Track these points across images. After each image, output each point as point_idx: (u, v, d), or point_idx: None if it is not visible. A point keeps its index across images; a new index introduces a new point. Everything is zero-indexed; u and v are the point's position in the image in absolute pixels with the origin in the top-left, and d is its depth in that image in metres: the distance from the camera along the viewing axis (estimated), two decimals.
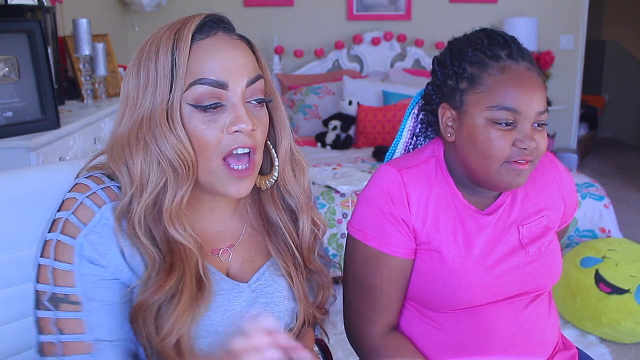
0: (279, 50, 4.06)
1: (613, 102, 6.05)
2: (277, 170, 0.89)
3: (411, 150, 1.15)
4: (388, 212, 0.99)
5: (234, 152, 0.79)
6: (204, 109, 0.78)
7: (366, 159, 3.19)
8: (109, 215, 0.77)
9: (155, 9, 3.78)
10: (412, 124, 1.14)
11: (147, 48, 0.79)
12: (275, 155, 0.89)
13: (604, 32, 6.17)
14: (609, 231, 2.63)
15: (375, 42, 4.12)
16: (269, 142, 0.89)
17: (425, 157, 1.05)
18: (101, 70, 2.58)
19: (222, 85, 0.78)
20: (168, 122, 0.77)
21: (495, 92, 0.93)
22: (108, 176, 0.81)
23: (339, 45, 4.11)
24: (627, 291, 2.14)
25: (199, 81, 0.77)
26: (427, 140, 1.15)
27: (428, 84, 1.07)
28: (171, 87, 0.77)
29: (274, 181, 0.90)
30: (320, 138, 3.54)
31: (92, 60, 2.53)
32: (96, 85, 2.65)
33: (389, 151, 1.18)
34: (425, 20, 4.21)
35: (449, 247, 1.00)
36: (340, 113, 3.59)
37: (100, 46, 2.56)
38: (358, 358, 1.21)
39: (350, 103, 3.54)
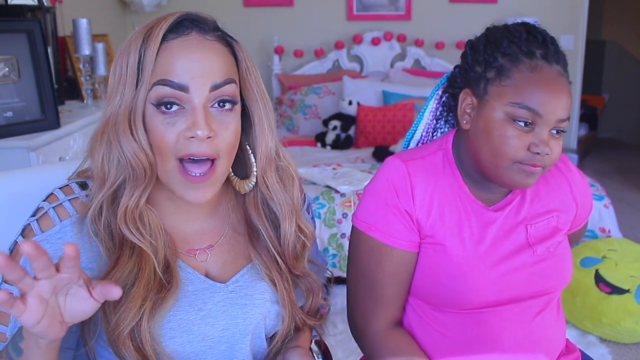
0: (279, 50, 4.06)
1: (613, 102, 6.05)
2: (254, 175, 0.88)
3: (431, 133, 1.14)
4: (392, 204, 0.99)
5: (190, 157, 0.78)
6: (164, 110, 0.77)
7: (366, 159, 3.19)
8: (69, 229, 0.79)
9: (155, 9, 3.79)
10: (434, 105, 1.11)
11: (124, 46, 0.79)
12: (253, 159, 0.88)
13: (604, 32, 6.17)
14: (609, 231, 2.63)
15: (375, 42, 4.12)
16: (248, 147, 0.88)
17: (433, 149, 1.04)
18: (101, 70, 2.58)
19: (183, 88, 0.76)
20: (130, 122, 0.77)
21: (521, 89, 0.91)
22: (83, 184, 0.83)
23: (339, 45, 4.11)
24: (627, 291, 2.14)
25: (162, 82, 0.76)
26: (447, 124, 1.13)
27: (456, 66, 1.05)
28: (137, 85, 0.76)
29: (252, 185, 0.88)
30: (320, 138, 3.54)
31: (92, 60, 2.53)
32: (96, 85, 2.65)
33: (409, 132, 1.16)
34: (425, 20, 4.21)
35: (453, 241, 0.98)
36: (340, 113, 3.59)
37: (100, 46, 2.56)
38: (358, 359, 1.21)
39: (350, 103, 3.54)
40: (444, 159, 1.03)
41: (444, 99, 1.10)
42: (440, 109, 1.11)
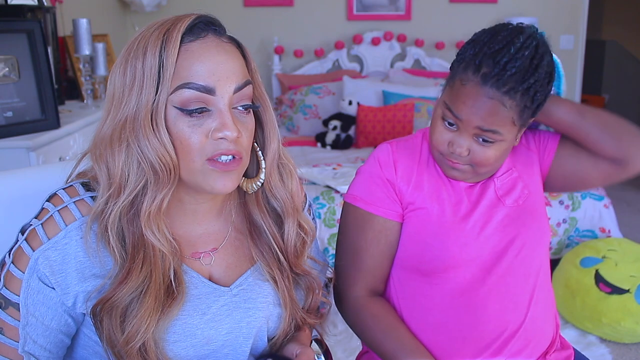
0: (279, 50, 4.06)
1: (613, 102, 6.05)
2: (264, 173, 0.88)
3: None
4: (376, 175, 1.10)
5: (217, 158, 0.78)
6: (190, 113, 0.76)
7: (366, 159, 3.18)
8: (74, 234, 0.77)
9: (155, 9, 3.79)
10: None
11: (135, 47, 0.77)
12: (262, 158, 0.88)
13: (604, 32, 6.17)
14: (609, 231, 2.63)
15: (375, 42, 4.12)
16: (256, 145, 0.88)
17: (415, 135, 1.18)
18: (101, 70, 2.58)
19: (210, 91, 0.76)
20: (152, 125, 0.75)
21: (452, 95, 1.01)
22: (87, 184, 0.81)
23: (339, 45, 4.11)
24: (627, 291, 2.14)
25: (186, 85, 0.75)
26: None
27: None
28: (157, 88, 0.75)
29: (260, 184, 0.89)
30: (320, 138, 3.54)
31: (92, 60, 2.53)
32: (96, 85, 2.66)
33: None
34: (425, 20, 4.21)
35: (432, 203, 1.07)
36: (340, 113, 3.59)
37: (100, 46, 2.56)
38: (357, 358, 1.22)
39: (350, 103, 3.54)
40: (422, 139, 1.15)
41: None
42: None
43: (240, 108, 0.80)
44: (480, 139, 1.00)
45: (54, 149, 1.88)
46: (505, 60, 0.95)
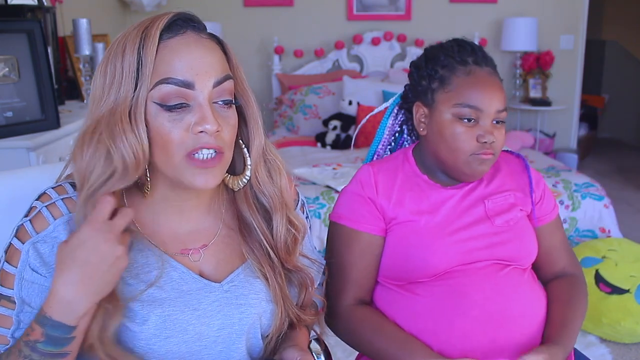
0: (279, 50, 4.06)
1: (613, 102, 6.05)
2: (249, 170, 0.89)
3: (392, 146, 1.30)
4: (358, 194, 1.14)
5: (197, 154, 0.78)
6: (169, 108, 0.77)
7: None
8: (62, 228, 0.78)
9: (155, 8, 3.79)
10: (391, 122, 1.27)
11: (115, 46, 0.79)
12: (247, 154, 0.89)
13: (604, 32, 6.17)
14: (609, 231, 2.63)
15: (375, 42, 4.12)
16: (241, 142, 0.88)
17: (395, 155, 1.22)
18: None
19: (189, 85, 0.77)
20: (130, 119, 0.76)
21: (461, 92, 1.07)
22: (75, 184, 0.82)
23: (339, 45, 4.11)
24: (627, 291, 2.14)
25: (165, 80, 0.76)
26: (409, 137, 1.28)
27: (405, 85, 1.20)
28: (136, 85, 0.76)
29: (246, 181, 0.89)
30: (320, 138, 3.55)
31: (92, 60, 2.53)
32: None
33: (370, 150, 1.31)
34: (425, 20, 4.21)
35: (413, 216, 1.11)
36: (340, 113, 3.59)
37: (100, 46, 2.56)
38: (357, 358, 1.22)
39: (350, 103, 3.55)
40: (404, 159, 1.19)
41: (400, 116, 1.26)
42: (397, 126, 1.27)
43: (221, 102, 0.81)
44: (495, 122, 1.08)
45: (54, 149, 1.88)
46: (472, 46, 1.11)
